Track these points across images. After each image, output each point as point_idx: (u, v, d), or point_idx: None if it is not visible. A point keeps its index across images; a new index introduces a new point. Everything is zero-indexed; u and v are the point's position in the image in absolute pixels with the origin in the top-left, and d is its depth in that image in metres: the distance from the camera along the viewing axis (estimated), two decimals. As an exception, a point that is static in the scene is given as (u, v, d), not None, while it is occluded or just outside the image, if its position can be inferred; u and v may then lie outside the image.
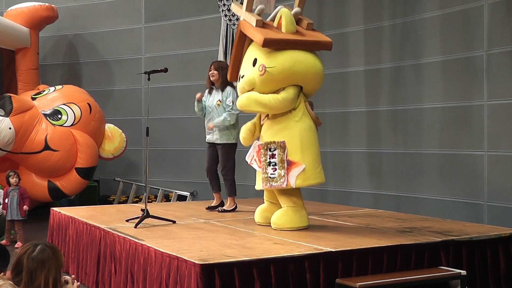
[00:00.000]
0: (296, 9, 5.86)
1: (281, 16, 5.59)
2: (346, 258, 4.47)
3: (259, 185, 5.67)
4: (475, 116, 7.42)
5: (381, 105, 8.56)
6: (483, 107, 7.33)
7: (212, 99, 6.91)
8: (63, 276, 3.05)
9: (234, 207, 6.91)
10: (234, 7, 6.22)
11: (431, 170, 7.95)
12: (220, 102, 6.79)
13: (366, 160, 8.76)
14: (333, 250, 4.47)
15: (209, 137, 6.98)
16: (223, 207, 6.91)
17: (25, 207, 7.67)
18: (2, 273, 3.03)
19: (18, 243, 7.59)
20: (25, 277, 2.88)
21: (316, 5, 9.35)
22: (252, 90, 5.56)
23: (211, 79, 6.87)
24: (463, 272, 4.47)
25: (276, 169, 5.42)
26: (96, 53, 11.78)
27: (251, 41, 5.71)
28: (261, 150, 5.53)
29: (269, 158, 5.46)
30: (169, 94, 10.97)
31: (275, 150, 5.44)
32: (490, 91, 7.26)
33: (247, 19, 5.72)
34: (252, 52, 5.64)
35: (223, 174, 6.94)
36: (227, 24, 9.91)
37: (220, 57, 9.82)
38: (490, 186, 7.25)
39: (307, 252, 4.41)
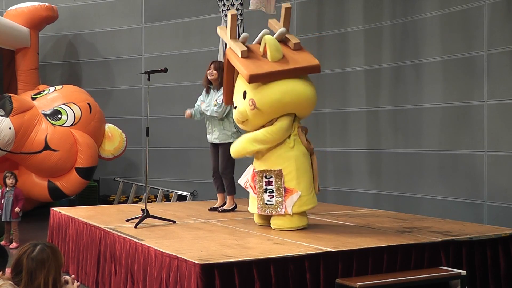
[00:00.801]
0: (281, 29, 5.70)
1: (265, 44, 5.48)
2: (346, 258, 4.47)
3: (253, 209, 5.66)
4: (475, 116, 7.42)
5: (381, 105, 8.56)
6: (483, 107, 7.33)
7: (210, 98, 6.89)
8: (63, 276, 3.05)
9: (233, 206, 6.91)
10: (220, 31, 6.12)
11: (431, 170, 7.95)
12: (217, 102, 6.81)
13: (366, 160, 8.76)
14: (333, 250, 4.47)
15: (209, 137, 6.98)
16: (223, 207, 6.92)
17: (17, 209, 7.60)
18: (1, 273, 3.03)
19: (13, 243, 7.59)
20: (25, 277, 2.88)
21: (316, 5, 9.36)
22: (246, 121, 5.55)
23: (209, 78, 6.85)
24: (463, 272, 4.47)
25: (273, 196, 5.46)
26: (96, 53, 11.78)
27: None
28: (256, 177, 5.54)
29: (265, 185, 5.48)
30: (169, 94, 10.97)
31: (271, 177, 5.46)
32: (490, 91, 7.26)
33: (233, 48, 5.65)
34: (242, 83, 5.60)
35: (221, 173, 6.94)
36: (227, 24, 9.90)
37: (220, 57, 9.79)
38: (490, 186, 7.25)
39: (307, 252, 4.41)
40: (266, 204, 5.48)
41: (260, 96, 5.38)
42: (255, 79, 5.33)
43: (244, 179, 5.73)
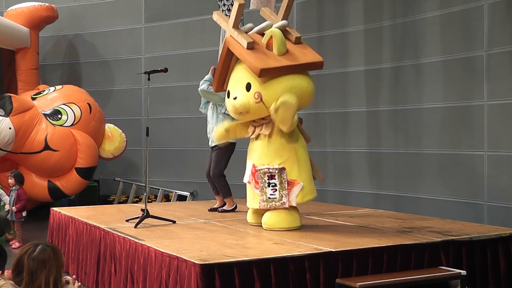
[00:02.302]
0: (283, 22, 5.74)
1: (271, 36, 5.48)
2: (346, 258, 4.47)
3: (253, 204, 5.64)
4: (475, 116, 7.42)
5: (381, 105, 8.56)
6: (483, 107, 7.33)
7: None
8: (64, 277, 3.05)
9: (234, 206, 6.91)
10: (217, 17, 6.04)
11: (431, 170, 7.95)
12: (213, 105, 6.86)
13: (366, 160, 8.76)
14: (333, 250, 4.47)
15: (210, 141, 7.03)
16: (223, 207, 6.92)
17: (13, 208, 7.63)
18: (0, 272, 3.03)
19: (16, 243, 7.60)
20: (26, 277, 2.88)
21: (316, 5, 9.36)
22: (247, 112, 5.53)
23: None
24: (463, 272, 4.48)
25: (276, 190, 5.46)
26: (96, 53, 11.78)
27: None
28: (259, 173, 5.52)
29: (268, 179, 5.48)
30: (169, 94, 10.97)
31: (274, 172, 5.47)
32: (490, 91, 7.26)
33: (236, 38, 5.60)
34: (244, 75, 5.56)
35: (211, 176, 6.95)
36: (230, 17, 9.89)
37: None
38: (490, 186, 7.25)
39: (307, 252, 4.41)
40: (269, 198, 5.46)
41: (267, 90, 5.40)
42: (266, 73, 5.35)
43: (246, 175, 5.72)
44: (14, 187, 7.78)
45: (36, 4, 10.66)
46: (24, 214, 7.70)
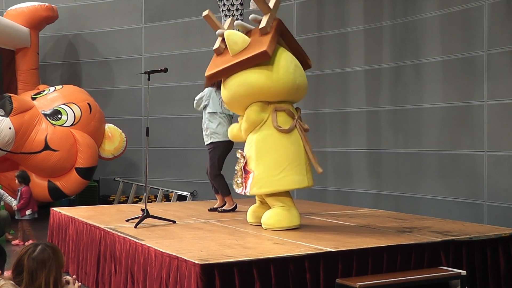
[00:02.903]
0: (252, 15, 5.73)
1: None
2: (346, 258, 4.46)
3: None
4: (475, 116, 7.42)
5: (381, 105, 8.56)
6: (483, 107, 7.33)
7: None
8: (64, 277, 3.05)
9: (233, 206, 6.91)
10: (209, 15, 6.00)
11: (431, 170, 7.95)
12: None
13: (366, 160, 8.76)
14: (333, 250, 4.47)
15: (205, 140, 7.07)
16: (223, 207, 6.92)
17: (14, 207, 7.75)
18: (0, 272, 3.03)
19: (16, 240, 7.64)
20: (26, 277, 2.88)
21: (316, 5, 9.36)
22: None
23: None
24: (463, 272, 4.47)
25: (237, 176, 5.66)
26: (96, 53, 11.79)
27: None
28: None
29: (235, 166, 5.71)
30: (169, 94, 10.97)
31: (239, 160, 5.69)
32: (490, 91, 7.26)
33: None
34: None
35: (209, 177, 7.00)
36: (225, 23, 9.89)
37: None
38: (490, 186, 7.25)
39: (307, 252, 4.41)
40: (237, 183, 5.66)
41: (223, 93, 5.76)
42: (210, 79, 5.91)
43: None
44: (19, 188, 7.86)
45: (36, 4, 10.66)
46: (28, 212, 7.73)
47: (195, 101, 6.98)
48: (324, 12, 9.25)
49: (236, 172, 5.67)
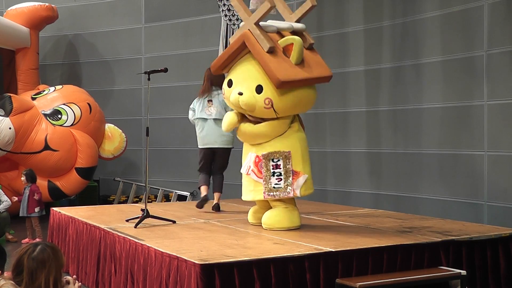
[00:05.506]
0: (301, 26, 5.70)
1: (291, 44, 5.40)
2: (346, 258, 4.47)
3: (255, 195, 5.56)
4: (475, 116, 7.42)
5: (381, 105, 8.56)
6: (483, 107, 7.33)
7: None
8: (65, 277, 3.05)
9: (203, 196, 6.93)
10: (235, 3, 5.77)
11: (431, 170, 7.95)
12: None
13: (366, 160, 8.76)
14: (333, 250, 4.47)
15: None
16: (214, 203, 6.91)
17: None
18: (0, 272, 3.02)
19: (26, 238, 7.71)
20: (25, 277, 2.88)
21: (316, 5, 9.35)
22: (250, 111, 5.48)
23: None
24: (463, 272, 4.48)
25: (281, 179, 5.43)
26: (96, 53, 11.79)
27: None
28: (263, 161, 5.46)
29: (273, 169, 5.43)
30: (169, 94, 10.97)
31: (278, 160, 5.44)
32: (490, 91, 7.26)
33: (256, 37, 5.40)
34: (256, 74, 5.44)
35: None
36: (227, 24, 9.90)
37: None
38: (490, 186, 7.25)
39: (307, 252, 4.41)
40: (274, 187, 5.42)
41: (279, 99, 5.36)
42: (285, 86, 5.32)
43: (246, 167, 5.67)
44: (26, 186, 7.88)
45: (36, 4, 10.66)
46: (36, 210, 7.76)
47: (191, 116, 7.00)
48: (324, 12, 9.25)
49: (273, 174, 5.42)
